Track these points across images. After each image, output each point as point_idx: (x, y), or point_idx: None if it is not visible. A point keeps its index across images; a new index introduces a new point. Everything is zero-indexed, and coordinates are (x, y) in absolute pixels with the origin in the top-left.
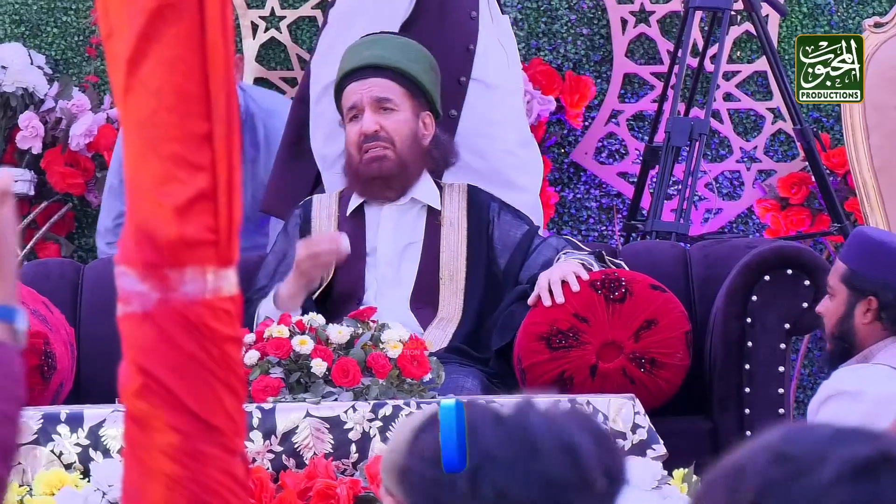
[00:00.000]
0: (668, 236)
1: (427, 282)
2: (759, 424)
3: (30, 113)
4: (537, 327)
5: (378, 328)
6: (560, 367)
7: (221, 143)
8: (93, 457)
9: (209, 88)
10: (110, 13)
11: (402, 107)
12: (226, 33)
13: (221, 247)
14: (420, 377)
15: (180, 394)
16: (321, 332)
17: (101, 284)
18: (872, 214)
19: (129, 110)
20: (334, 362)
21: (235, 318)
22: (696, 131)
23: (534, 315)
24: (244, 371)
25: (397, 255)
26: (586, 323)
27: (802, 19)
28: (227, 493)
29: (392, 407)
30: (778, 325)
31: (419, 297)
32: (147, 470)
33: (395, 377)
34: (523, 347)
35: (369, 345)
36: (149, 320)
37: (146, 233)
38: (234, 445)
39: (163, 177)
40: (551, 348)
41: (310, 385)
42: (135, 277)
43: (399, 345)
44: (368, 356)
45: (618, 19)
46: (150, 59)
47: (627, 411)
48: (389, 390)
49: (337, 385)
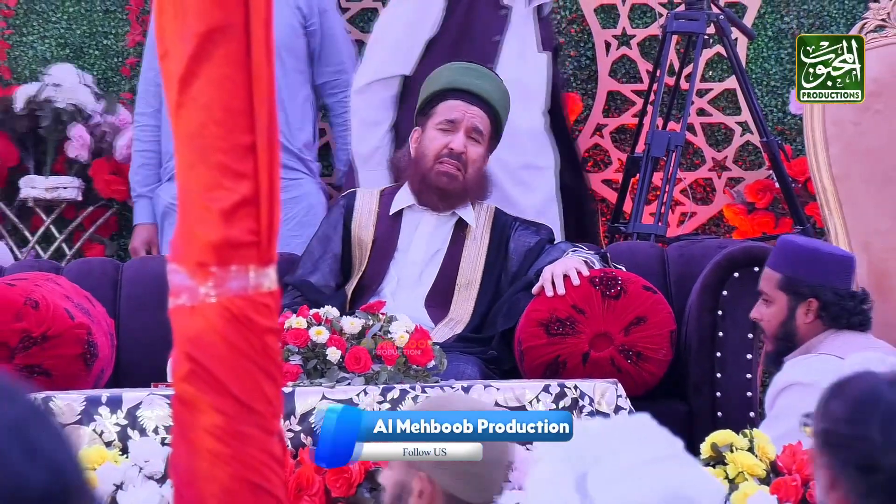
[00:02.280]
0: (647, 237)
1: (444, 286)
2: (729, 407)
3: (79, 126)
4: (538, 314)
5: (387, 320)
6: (555, 351)
7: (263, 153)
8: (130, 435)
9: (253, 104)
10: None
11: (484, 142)
12: (269, 54)
13: (262, 247)
14: (424, 364)
15: (224, 379)
16: (335, 323)
17: (138, 281)
18: (831, 217)
19: (180, 123)
20: (347, 350)
21: (274, 311)
22: (672, 143)
23: (536, 303)
24: (282, 359)
25: (423, 260)
26: (583, 314)
27: (768, 42)
28: (266, 469)
29: (399, 391)
30: (746, 317)
31: (434, 298)
32: (193, 447)
33: (402, 364)
34: (524, 331)
35: (379, 335)
36: (196, 313)
37: (195, 234)
38: (272, 427)
39: (210, 184)
40: (549, 334)
41: (325, 371)
42: (185, 274)
43: (406, 335)
44: (378, 345)
45: (602, 42)
46: (201, 77)
47: (611, 395)
48: (397, 376)
49: (350, 371)
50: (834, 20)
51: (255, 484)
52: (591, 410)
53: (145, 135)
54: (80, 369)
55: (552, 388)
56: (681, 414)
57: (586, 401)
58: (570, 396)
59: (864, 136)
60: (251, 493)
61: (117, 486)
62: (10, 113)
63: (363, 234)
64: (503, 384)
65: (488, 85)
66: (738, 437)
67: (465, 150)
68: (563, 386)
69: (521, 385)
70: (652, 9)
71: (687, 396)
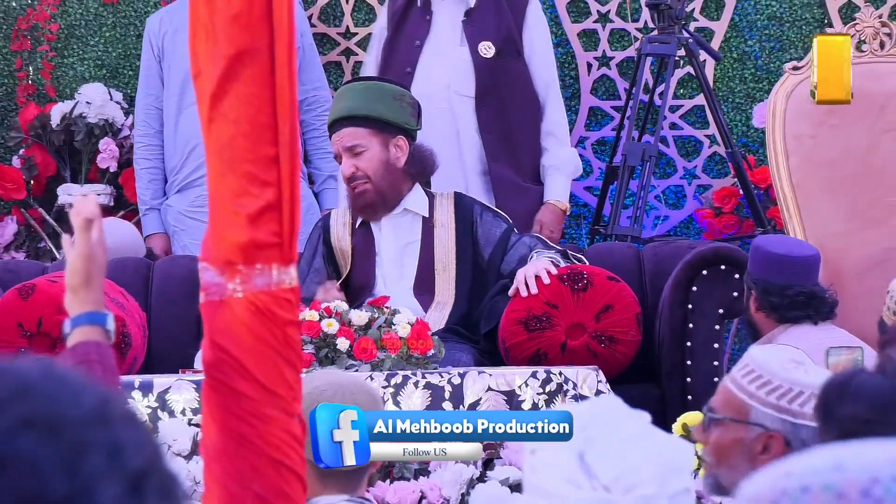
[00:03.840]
0: (625, 239)
1: (425, 274)
2: (698, 391)
3: (108, 139)
4: (517, 314)
5: (391, 313)
6: (536, 345)
7: (286, 163)
8: (160, 417)
9: (277, 119)
10: (199, 58)
11: (370, 145)
12: (291, 74)
13: (284, 248)
14: (424, 352)
15: (249, 366)
16: (345, 316)
17: (167, 278)
18: (790, 221)
19: (211, 136)
20: (355, 340)
21: (295, 305)
22: (647, 154)
23: (513, 304)
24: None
25: (398, 254)
26: (556, 309)
27: (733, 63)
28: (287, 447)
29: (402, 377)
30: (713, 310)
31: (420, 286)
32: (222, 428)
33: (405, 353)
34: (506, 330)
35: (383, 326)
36: (225, 307)
37: (224, 236)
38: (293, 409)
39: (238, 191)
40: (528, 330)
41: (335, 359)
42: (214, 272)
43: (408, 327)
44: (383, 336)
45: (584, 63)
46: (230, 94)
47: (592, 380)
48: (400, 363)
49: (357, 359)
50: (792, 44)
51: (277, 461)
52: (575, 394)
53: (150, 153)
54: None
55: (539, 375)
56: (655, 397)
57: (570, 385)
58: (556, 382)
59: (820, 149)
60: (274, 469)
61: None
62: (48, 128)
63: (342, 244)
64: (495, 370)
65: (347, 101)
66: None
67: (356, 168)
68: (549, 372)
69: (511, 371)
70: (629, 33)
71: (660, 381)
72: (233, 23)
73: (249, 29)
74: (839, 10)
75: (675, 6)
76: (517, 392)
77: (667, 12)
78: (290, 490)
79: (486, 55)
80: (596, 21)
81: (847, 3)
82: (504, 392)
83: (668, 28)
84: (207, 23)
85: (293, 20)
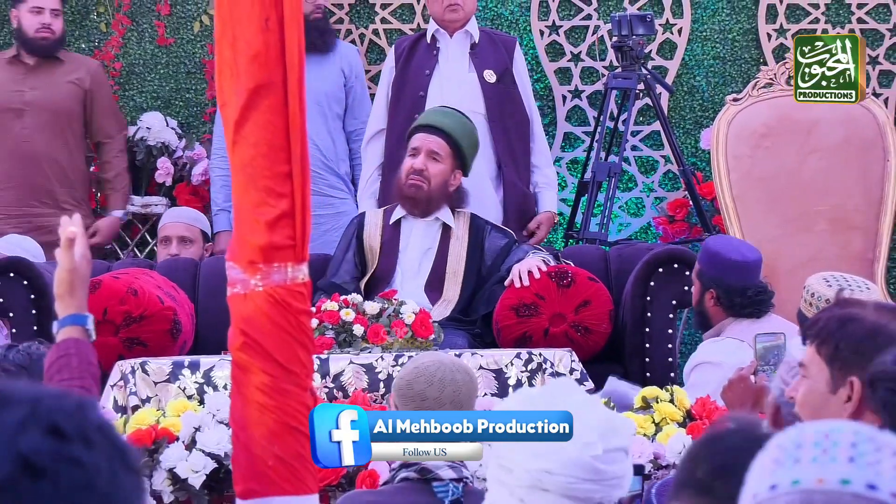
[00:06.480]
0: (594, 242)
1: (437, 275)
2: (655, 369)
3: (164, 158)
4: (510, 301)
5: (398, 304)
6: (523, 329)
7: (298, 178)
8: (206, 391)
9: (290, 142)
10: (224, 91)
11: (444, 161)
12: (301, 103)
13: (297, 250)
14: (427, 337)
15: (269, 349)
16: (360, 306)
17: (211, 275)
18: (731, 228)
19: (235, 157)
20: (369, 327)
21: (307, 297)
22: (612, 171)
23: (508, 293)
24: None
25: (419, 256)
26: (543, 300)
27: (684, 95)
28: (301, 416)
29: (408, 357)
30: (668, 301)
31: (431, 285)
32: (247, 400)
33: (410, 337)
34: (500, 314)
35: (392, 315)
36: (248, 299)
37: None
38: (306, 384)
39: (258, 202)
40: (518, 316)
41: (352, 342)
42: (239, 270)
43: (413, 315)
44: (392, 322)
45: (560, 95)
46: (250, 121)
47: (567, 360)
48: (406, 346)
49: (370, 342)
50: (733, 79)
51: (293, 427)
52: (552, 372)
53: (224, 163)
54: (168, 341)
55: (522, 356)
56: (618, 374)
57: (548, 364)
58: (536, 361)
59: (757, 167)
60: (290, 434)
61: (196, 429)
62: None
63: (373, 241)
64: (485, 352)
65: (449, 120)
66: (662, 392)
67: (425, 167)
68: (531, 353)
69: (499, 353)
70: (597, 70)
71: (623, 361)
72: (252, 61)
73: (266, 66)
74: (773, 51)
75: (635, 48)
76: (504, 370)
77: (629, 53)
78: (305, 452)
79: (490, 80)
80: (569, 60)
81: (779, 45)
82: (493, 370)
83: (630, 66)
84: (231, 62)
85: (303, 58)
